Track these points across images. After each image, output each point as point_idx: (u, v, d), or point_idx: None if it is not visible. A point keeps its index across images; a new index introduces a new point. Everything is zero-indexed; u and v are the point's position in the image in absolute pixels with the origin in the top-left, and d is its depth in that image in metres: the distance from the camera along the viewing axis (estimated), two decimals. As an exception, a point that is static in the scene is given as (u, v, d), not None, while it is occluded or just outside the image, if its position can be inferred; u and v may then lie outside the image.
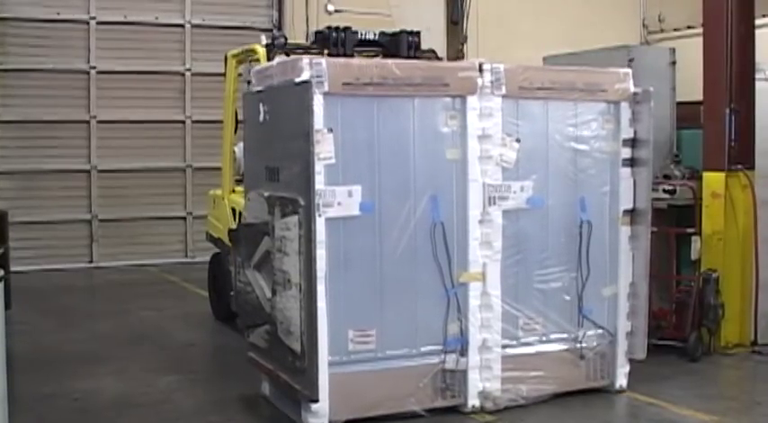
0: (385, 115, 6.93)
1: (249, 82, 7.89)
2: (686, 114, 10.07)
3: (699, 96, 9.46)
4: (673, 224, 9.40)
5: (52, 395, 7.91)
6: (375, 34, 10.13)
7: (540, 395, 7.46)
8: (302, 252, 6.60)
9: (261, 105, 7.34)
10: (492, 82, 7.17)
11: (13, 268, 11.81)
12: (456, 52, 14.90)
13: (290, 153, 6.81)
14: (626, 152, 7.69)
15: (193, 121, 16.80)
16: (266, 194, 7.19)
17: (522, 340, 7.45)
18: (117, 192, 16.31)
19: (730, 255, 9.21)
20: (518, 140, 7.28)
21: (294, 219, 6.67)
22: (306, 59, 6.70)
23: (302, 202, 6.57)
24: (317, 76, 6.60)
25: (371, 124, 6.89)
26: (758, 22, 9.53)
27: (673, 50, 10.40)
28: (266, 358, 7.38)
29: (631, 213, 7.74)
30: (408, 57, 9.83)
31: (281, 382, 7.09)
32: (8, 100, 15.62)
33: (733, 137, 9.17)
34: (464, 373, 7.17)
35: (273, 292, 7.09)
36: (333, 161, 6.66)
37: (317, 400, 6.62)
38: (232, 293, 8.44)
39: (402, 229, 6.94)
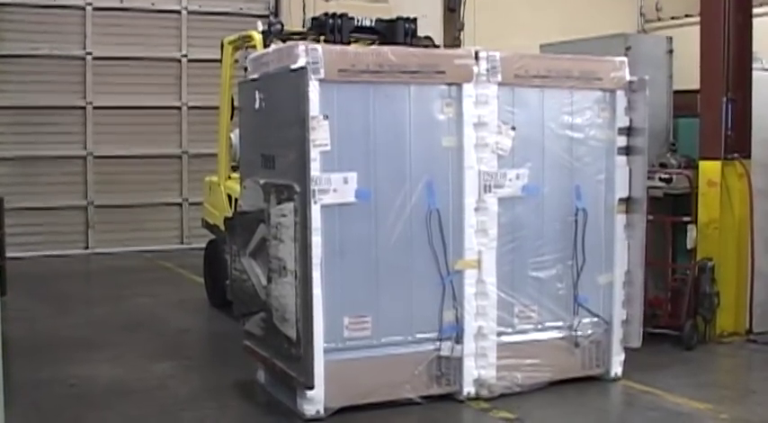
0: (381, 102, 6.92)
1: (245, 68, 7.88)
2: (683, 103, 10.05)
3: (696, 85, 9.43)
4: (669, 213, 9.41)
5: (48, 381, 7.92)
6: (372, 21, 10.12)
7: (536, 383, 7.47)
8: (298, 239, 6.59)
9: (256, 93, 7.33)
10: (488, 70, 7.17)
11: (8, 254, 11.81)
12: (453, 40, 14.86)
13: (285, 140, 6.80)
14: (621, 140, 7.69)
15: (189, 108, 16.80)
16: (262, 182, 7.18)
17: (518, 328, 7.45)
18: (113, 178, 16.32)
19: (726, 243, 9.21)
20: (513, 128, 7.28)
21: (290, 205, 6.66)
22: (302, 46, 6.68)
23: (298, 189, 6.56)
24: (313, 63, 6.59)
25: (367, 111, 6.88)
26: (756, 11, 9.54)
27: (670, 39, 10.37)
28: (262, 346, 7.39)
29: (627, 202, 7.74)
30: (405, 44, 9.82)
31: (277, 370, 7.10)
32: (4, 86, 15.60)
33: (729, 126, 9.16)
34: (459, 360, 7.18)
35: (269, 280, 7.09)
36: (328, 148, 6.66)
37: (312, 387, 6.63)
38: (228, 282, 8.44)
39: (397, 217, 6.94)
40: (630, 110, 7.69)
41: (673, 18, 17.98)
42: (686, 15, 16.63)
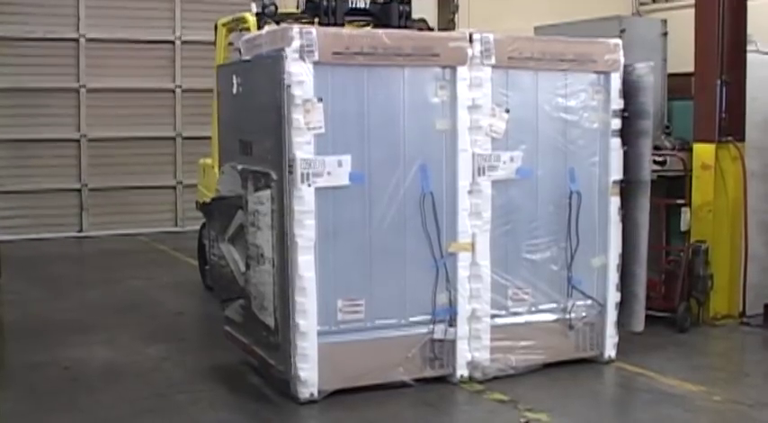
0: (375, 85, 6.91)
1: (240, 50, 7.86)
2: (677, 86, 10.06)
3: (690, 68, 9.45)
4: (663, 195, 9.41)
5: (42, 364, 7.91)
6: (366, 3, 10.08)
7: (529, 365, 7.49)
8: (275, 227, 6.61)
9: (234, 77, 7.34)
10: (482, 52, 7.15)
11: (2, 237, 11.82)
12: (447, 22, 14.84)
13: (262, 126, 6.83)
14: (615, 123, 7.69)
15: (183, 90, 16.73)
16: (240, 168, 7.21)
17: (512, 310, 7.47)
18: (107, 160, 16.26)
19: (720, 226, 9.23)
20: (507, 111, 7.27)
21: (267, 193, 6.68)
22: (296, 28, 6.66)
23: (275, 177, 6.58)
24: (308, 46, 6.57)
25: (361, 94, 6.87)
26: (750, -7, 9.52)
27: (664, 21, 10.39)
28: (242, 332, 7.42)
29: (633, 184, 7.79)
30: (399, 26, 9.79)
31: (257, 357, 7.14)
32: (-2, 68, 15.56)
33: (724, 108, 9.16)
34: (453, 342, 7.20)
35: (247, 267, 7.11)
36: (322, 131, 6.65)
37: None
38: (207, 267, 8.44)
39: (391, 200, 6.94)
40: (639, 94, 7.73)
41: (667, 1, 17.92)
42: (681, -3, 16.59)
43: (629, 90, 7.73)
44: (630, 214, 7.83)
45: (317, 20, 9.73)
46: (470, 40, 7.15)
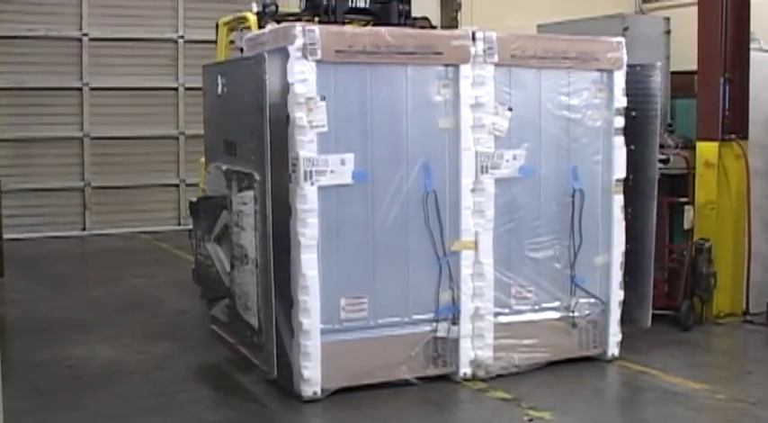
0: (378, 83, 6.92)
1: (241, 49, 7.86)
2: (680, 84, 10.04)
3: (693, 66, 9.44)
4: (666, 193, 9.40)
5: (45, 362, 7.92)
6: (366, 2, 10.06)
7: (533, 363, 7.49)
8: (258, 228, 6.62)
9: (219, 77, 7.36)
10: (485, 50, 7.15)
11: (5, 236, 11.81)
12: (450, 20, 14.82)
13: (245, 128, 6.84)
14: (618, 121, 7.68)
15: (186, 89, 16.72)
16: (224, 168, 7.25)
17: (515, 308, 7.47)
18: (110, 159, 16.27)
19: (723, 224, 9.23)
20: (510, 109, 7.27)
21: (250, 194, 6.69)
22: (299, 26, 6.67)
23: (257, 178, 6.58)
24: (311, 44, 6.58)
25: (364, 92, 6.87)
26: (753, -9, 9.51)
27: (667, 19, 10.37)
28: (227, 332, 7.45)
29: (641, 182, 7.85)
30: (399, 24, 9.78)
31: (241, 357, 7.15)
32: (0, 67, 15.52)
33: (727, 106, 9.16)
34: (456, 341, 7.19)
35: (232, 267, 7.12)
36: (325, 129, 6.65)
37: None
38: (193, 267, 8.45)
39: (394, 198, 6.94)
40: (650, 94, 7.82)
41: (670, -2, 17.92)
42: (684, -5, 16.56)
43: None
44: (641, 211, 7.87)
45: (317, 19, 9.71)
46: (473, 39, 7.15)
